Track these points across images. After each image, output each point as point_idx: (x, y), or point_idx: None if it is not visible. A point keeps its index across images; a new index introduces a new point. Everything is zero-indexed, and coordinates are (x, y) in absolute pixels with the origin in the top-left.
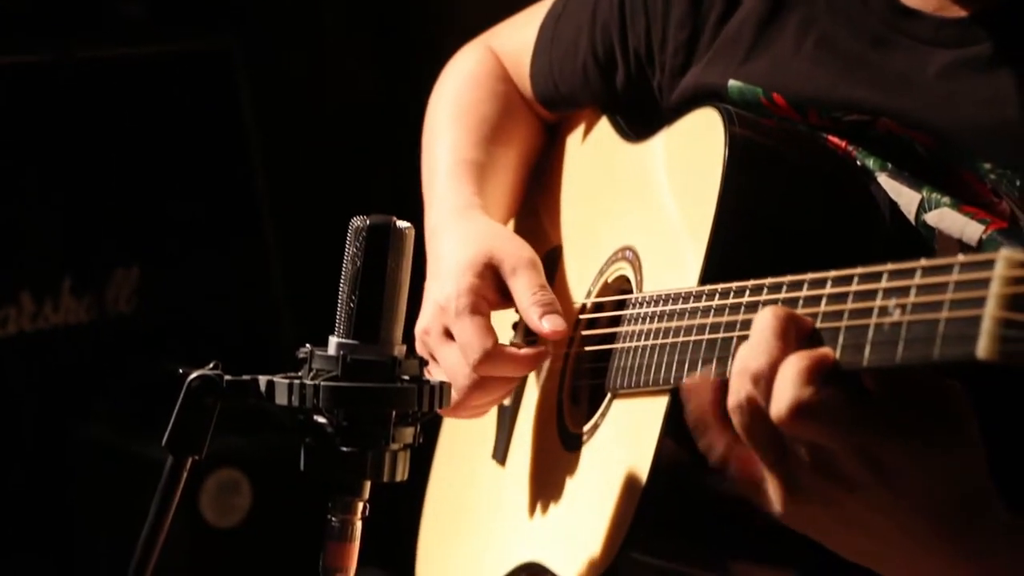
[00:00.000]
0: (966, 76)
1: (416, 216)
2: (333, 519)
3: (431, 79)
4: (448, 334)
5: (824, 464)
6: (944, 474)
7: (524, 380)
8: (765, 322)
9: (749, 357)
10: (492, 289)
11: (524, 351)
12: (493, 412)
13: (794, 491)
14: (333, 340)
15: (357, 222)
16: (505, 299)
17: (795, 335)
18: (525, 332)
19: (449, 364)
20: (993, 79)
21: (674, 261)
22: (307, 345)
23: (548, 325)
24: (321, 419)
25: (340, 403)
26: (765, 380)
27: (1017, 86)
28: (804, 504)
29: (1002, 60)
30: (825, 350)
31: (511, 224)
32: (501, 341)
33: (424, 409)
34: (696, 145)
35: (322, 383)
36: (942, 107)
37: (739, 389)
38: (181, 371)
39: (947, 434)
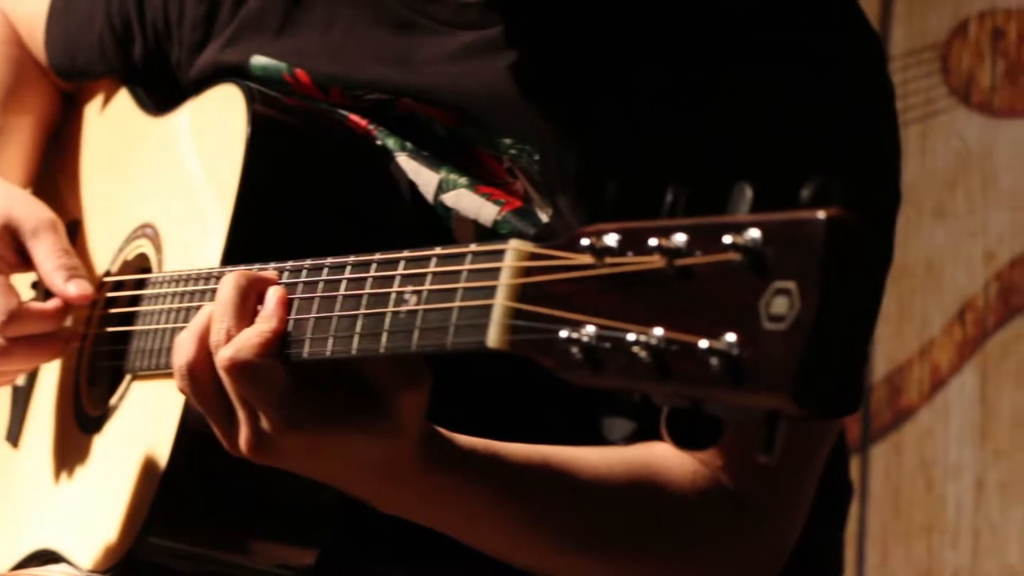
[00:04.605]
0: (484, 55)
1: None
2: None
3: None
4: None
5: (255, 423)
6: (366, 451)
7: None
8: (227, 288)
9: (205, 321)
10: (11, 251)
11: (51, 304)
12: (6, 391)
13: (234, 446)
14: None
15: None
16: (25, 263)
17: (255, 298)
18: (46, 293)
19: None
20: (509, 58)
21: (196, 240)
22: None
23: (75, 289)
24: None
25: None
26: (214, 339)
27: (530, 65)
28: (255, 455)
29: (517, 40)
30: (271, 323)
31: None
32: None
33: None
34: (218, 122)
35: None
36: (461, 84)
37: (187, 350)
38: None
39: (374, 423)
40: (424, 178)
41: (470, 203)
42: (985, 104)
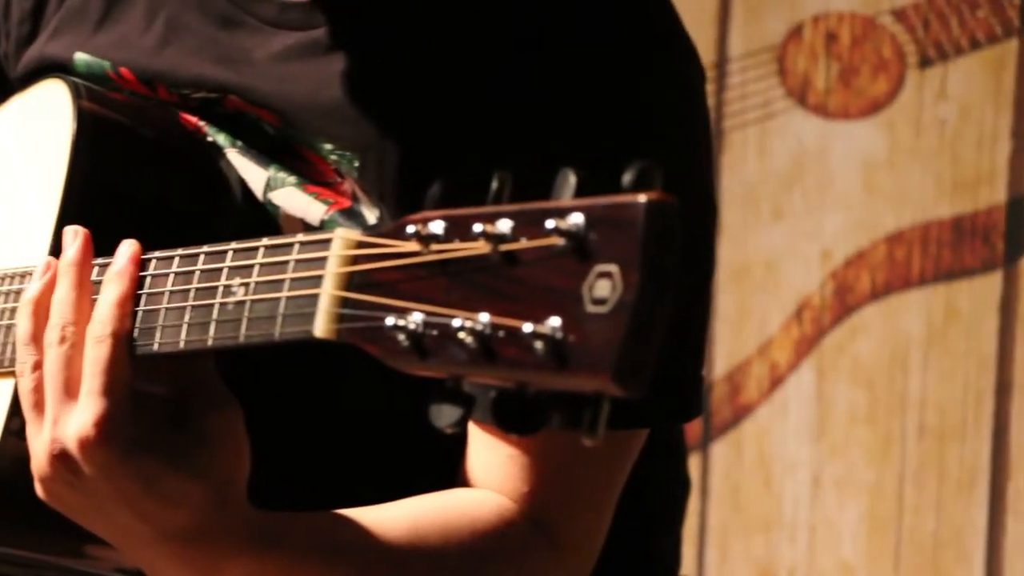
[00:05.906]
0: (306, 57)
1: None
2: None
3: None
4: None
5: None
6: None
7: None
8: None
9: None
10: None
11: None
12: None
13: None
14: None
15: None
16: None
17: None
18: None
19: None
20: (331, 61)
21: (23, 238)
22: None
23: None
24: None
25: None
26: None
27: (352, 69)
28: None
29: (339, 44)
30: None
31: None
32: None
33: None
34: (44, 119)
35: None
36: (283, 86)
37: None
38: None
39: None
40: (253, 175)
41: (297, 202)
42: (820, 106)
